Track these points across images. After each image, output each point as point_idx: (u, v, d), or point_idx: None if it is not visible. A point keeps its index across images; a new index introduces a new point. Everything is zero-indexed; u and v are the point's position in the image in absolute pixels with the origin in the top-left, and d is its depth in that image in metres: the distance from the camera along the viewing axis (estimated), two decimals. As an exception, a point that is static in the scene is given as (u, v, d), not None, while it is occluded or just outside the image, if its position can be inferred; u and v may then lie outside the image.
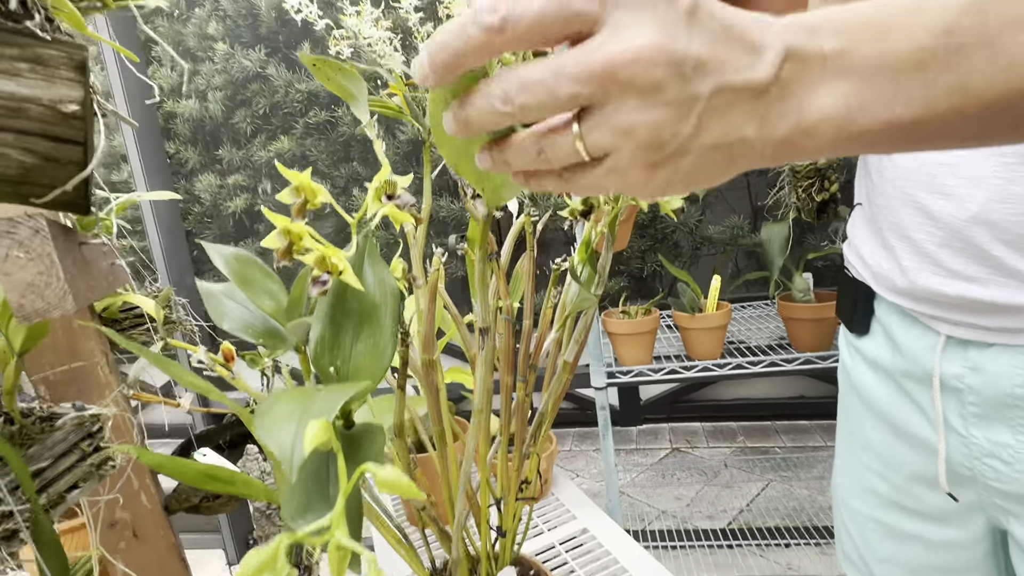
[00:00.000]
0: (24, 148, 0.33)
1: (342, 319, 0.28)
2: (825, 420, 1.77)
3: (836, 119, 0.20)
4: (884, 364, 0.46)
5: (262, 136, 2.18)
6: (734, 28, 0.19)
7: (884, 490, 0.50)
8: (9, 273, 0.34)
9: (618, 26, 0.18)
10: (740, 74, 0.19)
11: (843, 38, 0.19)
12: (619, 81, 0.18)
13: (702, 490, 1.49)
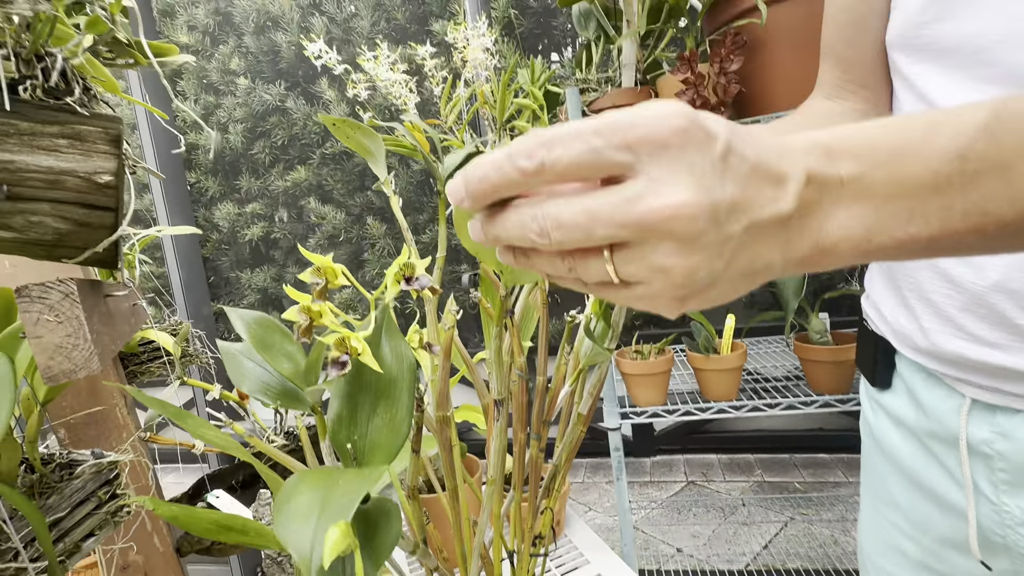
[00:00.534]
0: (59, 216, 0.35)
1: (359, 394, 0.28)
2: (845, 454, 1.72)
3: (854, 239, 0.20)
4: (908, 422, 0.45)
5: (280, 166, 2.24)
6: (760, 165, 0.19)
7: (912, 551, 0.48)
8: (39, 336, 0.35)
9: (655, 180, 0.18)
10: (767, 209, 0.19)
11: (859, 163, 0.20)
12: (658, 232, 0.18)
13: (719, 528, 1.45)
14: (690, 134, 0.18)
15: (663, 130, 0.18)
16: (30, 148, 0.32)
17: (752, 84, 0.73)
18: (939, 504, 0.44)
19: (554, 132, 0.18)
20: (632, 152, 0.18)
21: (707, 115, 0.19)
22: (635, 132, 0.18)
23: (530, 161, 0.18)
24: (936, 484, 0.44)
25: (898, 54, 0.41)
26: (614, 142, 0.18)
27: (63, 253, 0.39)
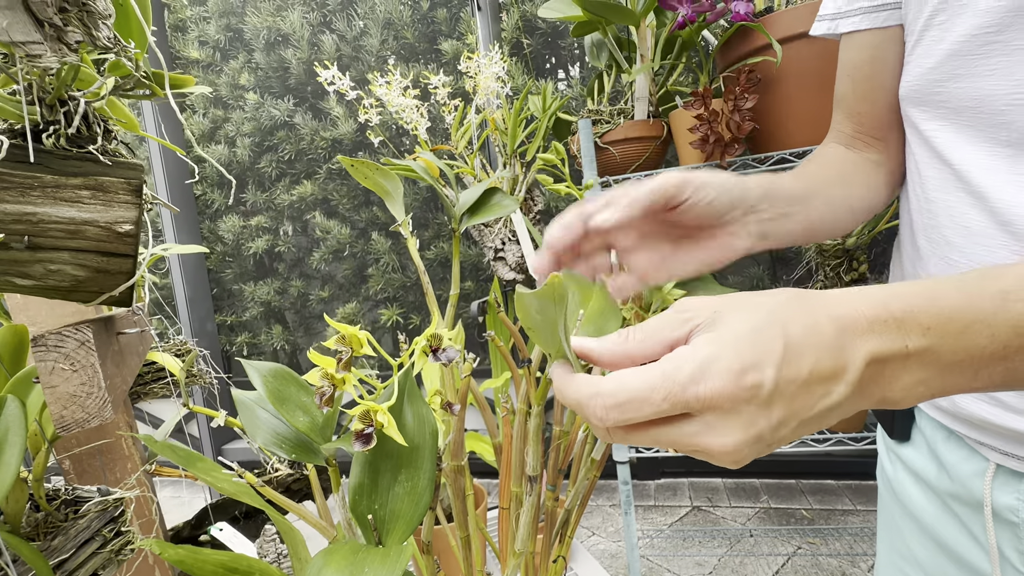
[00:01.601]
0: (78, 264, 0.35)
1: (381, 462, 0.27)
2: (853, 480, 1.70)
3: (919, 396, 0.22)
4: (929, 479, 0.44)
5: (286, 180, 2.24)
6: (813, 374, 0.21)
7: None
8: (54, 386, 0.34)
9: (709, 425, 0.21)
10: (817, 407, 0.22)
11: (929, 336, 0.21)
12: (710, 455, 0.22)
13: (724, 557, 1.42)
14: (740, 392, 0.20)
15: (715, 398, 0.21)
16: (53, 200, 0.32)
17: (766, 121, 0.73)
18: (961, 566, 0.43)
19: (628, 396, 0.21)
20: (689, 409, 0.21)
21: (760, 353, 0.21)
22: (694, 395, 0.21)
23: (602, 421, 0.22)
24: (958, 546, 0.42)
25: (912, 108, 0.41)
26: (678, 406, 0.21)
27: (79, 297, 0.39)
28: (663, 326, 0.23)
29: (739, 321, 0.22)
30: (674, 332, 0.23)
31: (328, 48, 2.08)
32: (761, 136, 0.75)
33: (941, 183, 0.39)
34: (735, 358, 0.20)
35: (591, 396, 0.22)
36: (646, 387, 0.21)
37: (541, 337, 0.24)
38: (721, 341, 0.21)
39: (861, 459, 1.69)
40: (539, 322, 0.23)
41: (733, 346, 0.21)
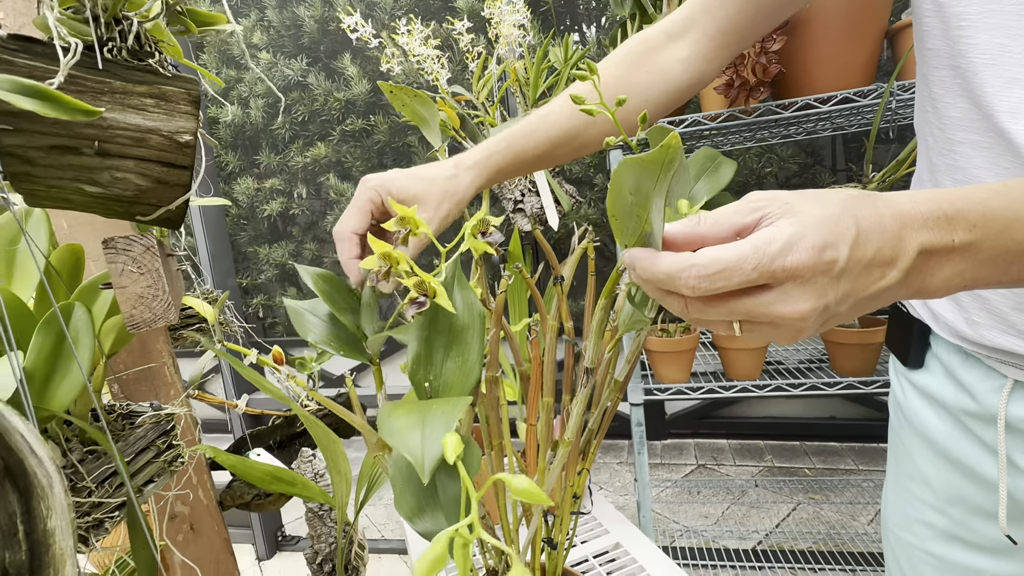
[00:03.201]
0: (141, 173, 0.37)
1: (434, 338, 0.30)
2: (857, 443, 1.74)
3: (952, 287, 0.25)
4: (944, 400, 0.46)
5: (299, 142, 2.25)
6: (875, 258, 0.24)
7: (940, 523, 0.50)
8: (124, 287, 0.37)
9: (786, 293, 0.24)
10: (872, 287, 0.25)
11: (973, 233, 0.24)
12: (780, 324, 0.25)
13: (729, 509, 1.47)
14: (820, 264, 0.23)
15: (800, 268, 0.23)
16: (121, 107, 0.34)
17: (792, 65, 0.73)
18: (973, 477, 0.45)
19: (718, 267, 0.24)
20: (774, 279, 0.24)
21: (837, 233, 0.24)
22: (781, 265, 0.23)
23: (694, 290, 0.24)
24: (971, 457, 0.45)
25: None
26: (765, 275, 0.24)
27: (139, 210, 0.41)
28: (733, 213, 0.25)
29: (817, 209, 0.24)
30: (744, 219, 0.25)
31: (342, 4, 2.05)
32: (785, 80, 0.75)
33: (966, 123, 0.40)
34: (818, 237, 0.23)
35: (685, 267, 0.24)
36: (738, 258, 0.23)
37: (624, 224, 0.25)
38: (804, 223, 0.24)
39: (864, 422, 1.72)
40: (628, 204, 0.24)
41: (815, 227, 0.24)
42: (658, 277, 0.25)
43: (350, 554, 0.63)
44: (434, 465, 0.21)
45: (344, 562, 0.63)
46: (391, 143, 2.12)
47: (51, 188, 0.37)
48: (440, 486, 0.25)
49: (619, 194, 0.24)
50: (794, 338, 0.26)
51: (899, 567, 0.57)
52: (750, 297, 0.24)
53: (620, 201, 0.25)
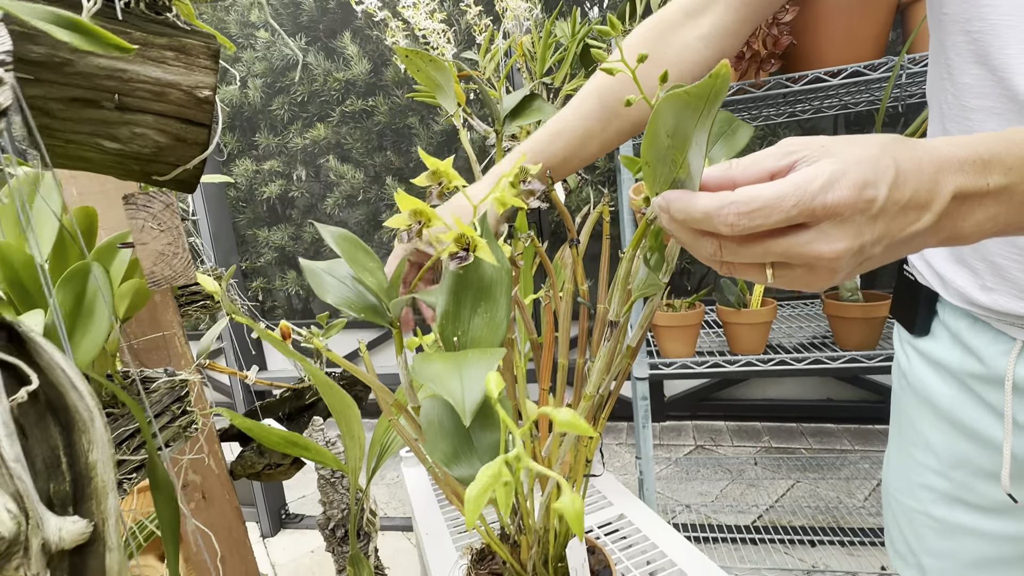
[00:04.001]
0: (160, 129, 0.37)
1: (463, 294, 0.30)
2: (853, 424, 1.76)
3: (985, 232, 0.25)
4: (950, 365, 0.47)
5: (298, 123, 2.22)
6: (912, 199, 0.24)
7: (942, 487, 0.51)
8: (145, 243, 0.37)
9: (823, 232, 0.24)
10: (906, 230, 0.25)
11: (1009, 176, 0.25)
12: (815, 266, 0.25)
13: (727, 487, 1.50)
14: (860, 202, 0.24)
15: (840, 206, 0.24)
16: (141, 59, 0.33)
17: (804, 37, 0.72)
18: (977, 440, 0.46)
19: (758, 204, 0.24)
20: (815, 218, 0.24)
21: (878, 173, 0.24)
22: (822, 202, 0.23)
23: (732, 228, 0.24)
24: (975, 420, 0.46)
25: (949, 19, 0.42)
26: (804, 213, 0.24)
27: (155, 169, 0.41)
28: (766, 157, 0.26)
29: (856, 149, 0.25)
30: (778, 162, 0.25)
31: (340, -17, 2.02)
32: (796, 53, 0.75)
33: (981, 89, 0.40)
34: (859, 175, 0.24)
35: (725, 204, 0.24)
36: (778, 195, 0.24)
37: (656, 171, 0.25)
38: (845, 162, 0.24)
39: (861, 404, 1.75)
40: (664, 148, 0.24)
41: (856, 166, 0.24)
42: (695, 216, 0.25)
43: (362, 520, 0.64)
44: (475, 407, 0.21)
45: (356, 528, 0.64)
46: (392, 124, 2.10)
47: (69, 143, 0.36)
48: (474, 436, 0.26)
49: (655, 137, 0.24)
50: (828, 282, 0.26)
51: (900, 532, 0.58)
52: (786, 237, 0.24)
53: (656, 145, 0.25)
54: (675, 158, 0.25)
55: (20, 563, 0.20)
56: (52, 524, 0.22)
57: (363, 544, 0.64)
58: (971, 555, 0.50)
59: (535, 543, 0.45)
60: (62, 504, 0.23)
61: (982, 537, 0.49)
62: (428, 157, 0.29)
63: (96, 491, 0.23)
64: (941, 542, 0.53)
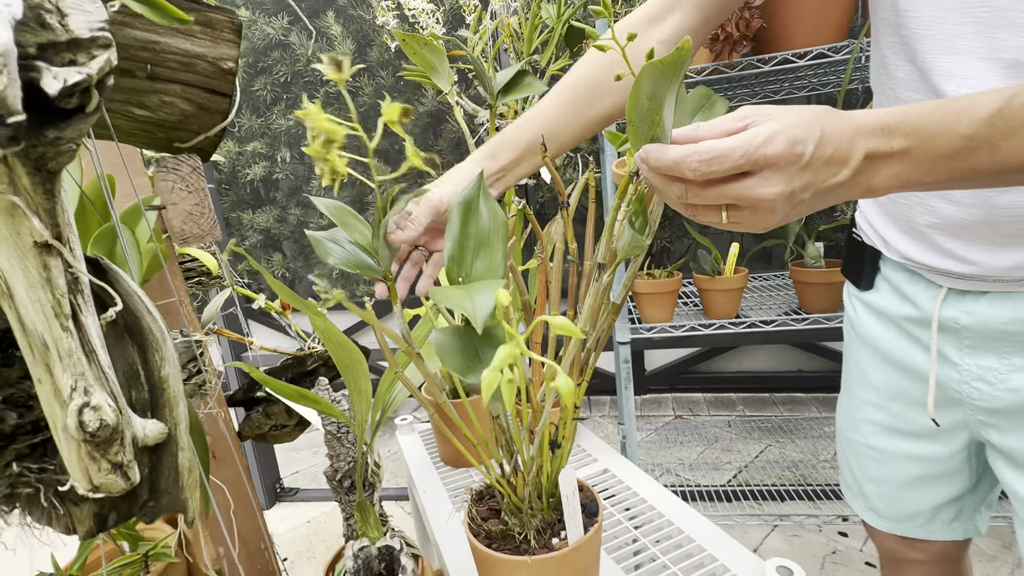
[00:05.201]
0: (187, 98, 0.40)
1: (466, 241, 0.35)
2: (821, 393, 1.87)
3: (891, 187, 0.31)
4: (889, 312, 0.54)
5: (282, 104, 2.21)
6: (833, 156, 0.30)
7: (880, 418, 0.58)
8: (174, 203, 0.40)
9: (764, 179, 0.30)
10: (828, 182, 0.31)
11: (908, 140, 0.31)
12: (757, 207, 0.31)
13: (704, 452, 1.59)
14: (791, 155, 0.30)
15: (776, 157, 0.29)
16: (172, 32, 0.37)
17: (774, 20, 0.77)
18: (909, 373, 0.54)
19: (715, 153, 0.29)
20: (757, 167, 0.30)
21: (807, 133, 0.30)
22: (763, 153, 0.29)
23: (695, 172, 0.30)
24: (909, 357, 0.53)
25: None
26: (750, 163, 0.29)
27: (179, 136, 0.44)
28: (725, 120, 0.32)
29: (794, 116, 0.31)
30: (734, 124, 0.31)
31: (323, -40, 2.00)
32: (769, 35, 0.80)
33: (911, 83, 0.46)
34: (791, 134, 0.30)
35: (689, 153, 0.30)
36: (730, 147, 0.29)
37: (639, 129, 0.30)
38: (783, 123, 0.30)
39: (828, 374, 1.85)
40: (645, 109, 0.30)
41: (791, 127, 0.30)
42: (666, 163, 0.30)
43: (367, 471, 0.69)
44: (486, 316, 0.26)
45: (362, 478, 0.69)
46: (376, 105, 2.11)
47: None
48: (481, 352, 0.30)
49: (638, 101, 0.29)
50: (768, 221, 0.31)
51: (848, 466, 0.66)
52: (737, 182, 0.30)
53: (638, 107, 0.30)
54: (653, 118, 0.30)
55: (118, 450, 0.25)
56: (137, 423, 0.26)
57: (368, 493, 0.69)
58: (904, 477, 0.58)
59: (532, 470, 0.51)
60: (142, 410, 0.27)
61: (913, 460, 0.57)
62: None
63: (169, 400, 0.28)
64: (880, 469, 0.61)
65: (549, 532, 0.53)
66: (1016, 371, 0.47)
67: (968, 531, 0.61)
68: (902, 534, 0.63)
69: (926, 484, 0.57)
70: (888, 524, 0.63)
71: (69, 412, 0.23)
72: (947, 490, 0.58)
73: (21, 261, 0.22)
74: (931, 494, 0.59)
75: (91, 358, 0.24)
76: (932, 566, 0.64)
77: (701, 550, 0.67)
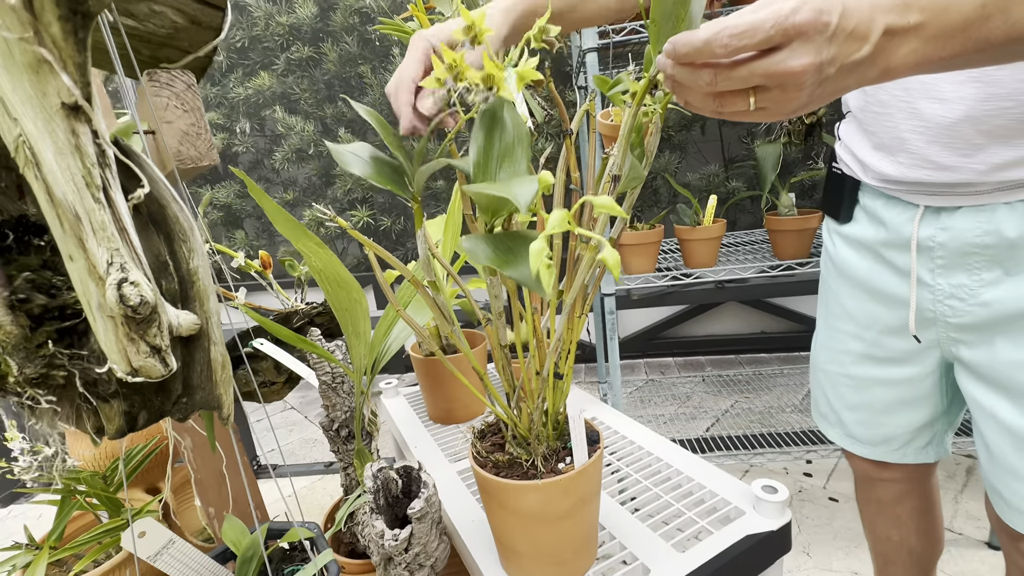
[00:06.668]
0: (178, 8, 0.38)
1: (489, 148, 0.35)
2: (782, 352, 1.97)
3: (908, 64, 0.32)
4: (867, 240, 0.58)
5: (239, 72, 2.10)
6: (855, 31, 0.31)
7: (858, 348, 0.62)
8: (170, 121, 0.38)
9: (792, 51, 0.30)
10: (852, 57, 0.31)
11: (923, 15, 0.32)
12: (786, 82, 0.31)
13: (677, 410, 1.66)
14: (818, 24, 0.30)
15: (805, 25, 0.30)
16: (164, -72, 0.34)
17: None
18: (885, 301, 0.57)
19: (745, 26, 0.30)
20: (787, 37, 0.30)
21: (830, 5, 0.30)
22: (792, 22, 0.30)
23: (726, 48, 0.30)
24: (885, 284, 0.57)
25: None
26: (780, 32, 0.30)
27: (166, 55, 0.42)
28: (750, 7, 0.32)
29: None
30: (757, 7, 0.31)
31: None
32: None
33: None
34: (816, 4, 0.30)
35: (720, 30, 0.30)
36: (760, 19, 0.30)
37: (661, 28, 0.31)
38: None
39: (789, 334, 1.96)
40: (670, 5, 0.30)
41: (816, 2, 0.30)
42: (695, 45, 0.31)
43: (364, 420, 0.69)
44: (529, 201, 0.27)
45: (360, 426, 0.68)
46: (341, 74, 2.03)
47: (82, 21, 0.37)
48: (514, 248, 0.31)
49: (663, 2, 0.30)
50: (796, 100, 0.32)
51: (824, 396, 0.70)
52: (765, 58, 0.31)
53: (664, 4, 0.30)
54: (679, 14, 0.30)
55: (156, 332, 0.24)
56: (171, 310, 0.25)
57: (366, 442, 0.69)
58: (881, 402, 0.63)
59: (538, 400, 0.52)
60: (172, 301, 0.26)
61: (888, 385, 0.61)
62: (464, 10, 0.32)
63: (199, 293, 0.27)
64: (857, 396, 0.65)
65: (555, 459, 0.55)
66: (986, 286, 0.50)
67: (939, 453, 0.66)
68: (878, 458, 0.67)
69: (902, 408, 0.62)
70: (865, 449, 0.67)
71: (108, 286, 0.22)
72: (921, 414, 0.62)
73: (48, 124, 0.20)
74: (907, 418, 0.63)
75: (123, 236, 0.23)
76: (904, 484, 0.70)
77: (690, 480, 0.71)
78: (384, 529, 0.39)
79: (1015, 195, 0.47)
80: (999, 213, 0.48)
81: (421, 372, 0.94)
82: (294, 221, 0.44)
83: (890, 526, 0.73)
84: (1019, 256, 0.48)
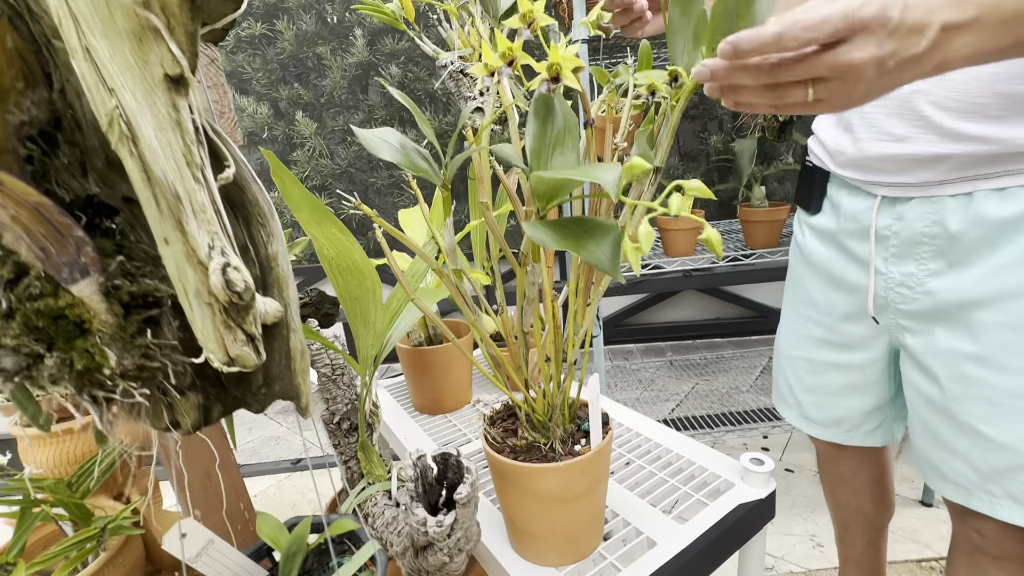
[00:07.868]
0: (203, -25, 0.35)
1: (544, 137, 0.35)
2: (736, 337, 2.10)
3: (963, 58, 0.34)
4: (830, 230, 0.62)
5: (181, 46, 1.93)
6: (915, 26, 0.32)
7: (818, 333, 0.67)
8: (194, 97, 0.36)
9: (854, 44, 0.32)
10: (910, 51, 0.33)
11: (979, 8, 0.33)
12: (847, 74, 0.33)
13: (642, 394, 1.73)
14: (883, 18, 0.31)
15: (870, 19, 0.31)
16: None
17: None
18: (845, 288, 0.62)
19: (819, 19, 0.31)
20: (851, 31, 0.32)
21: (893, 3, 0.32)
22: (859, 16, 0.31)
23: (797, 41, 0.31)
24: (844, 272, 0.62)
25: None
26: (845, 26, 0.31)
27: (181, 26, 0.39)
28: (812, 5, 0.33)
29: None
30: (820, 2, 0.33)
31: None
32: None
33: None
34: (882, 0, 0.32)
35: (792, 23, 0.31)
36: (830, 12, 0.31)
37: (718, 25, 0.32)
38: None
39: (742, 320, 2.09)
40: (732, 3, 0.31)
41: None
42: (764, 40, 0.31)
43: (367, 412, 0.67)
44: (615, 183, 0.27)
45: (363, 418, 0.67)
46: (298, 53, 1.93)
47: None
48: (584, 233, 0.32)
49: None
50: (854, 90, 0.33)
51: (785, 379, 0.75)
52: (832, 52, 0.32)
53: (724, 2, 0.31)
54: (740, 11, 0.32)
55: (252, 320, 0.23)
56: (258, 297, 0.24)
57: (369, 434, 0.68)
58: (835, 386, 0.68)
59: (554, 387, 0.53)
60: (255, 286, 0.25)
61: (842, 369, 0.67)
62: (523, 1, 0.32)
63: (278, 279, 0.26)
64: (814, 379, 0.70)
65: (571, 441, 0.56)
66: (931, 275, 0.55)
67: (886, 439, 0.71)
68: (829, 439, 0.72)
69: (852, 393, 0.67)
70: (819, 430, 0.72)
71: (212, 271, 0.21)
72: (869, 399, 0.67)
73: (149, 97, 0.19)
74: (857, 403, 0.68)
75: (219, 219, 0.22)
76: (859, 459, 0.77)
77: (680, 457, 0.75)
78: (426, 516, 0.39)
79: (958, 188, 0.51)
80: (945, 205, 0.52)
81: (407, 363, 0.92)
82: (321, 207, 0.42)
83: (848, 494, 0.81)
84: (959, 249, 0.52)
